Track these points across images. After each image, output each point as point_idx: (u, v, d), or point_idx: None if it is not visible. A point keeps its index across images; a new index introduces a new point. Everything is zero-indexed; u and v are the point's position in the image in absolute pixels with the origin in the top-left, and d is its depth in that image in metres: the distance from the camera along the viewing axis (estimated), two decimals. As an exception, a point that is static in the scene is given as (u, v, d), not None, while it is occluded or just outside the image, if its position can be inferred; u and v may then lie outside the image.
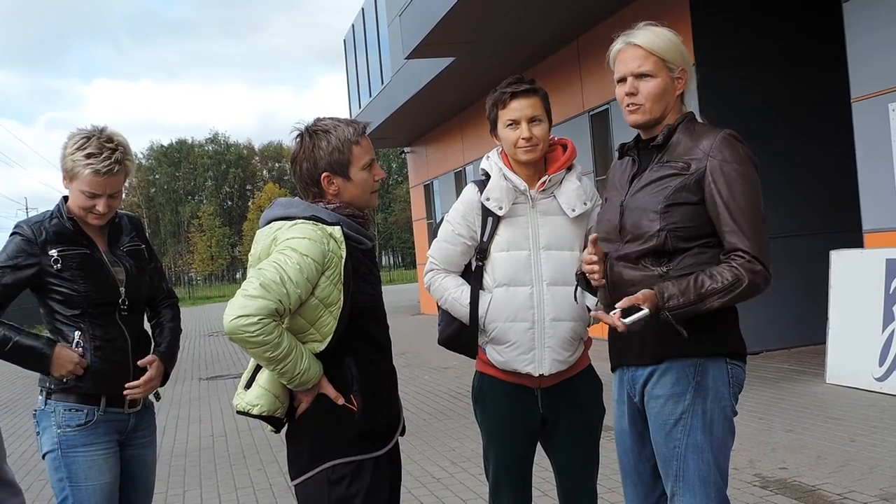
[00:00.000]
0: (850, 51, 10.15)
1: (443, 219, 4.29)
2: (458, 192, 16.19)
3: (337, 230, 3.49)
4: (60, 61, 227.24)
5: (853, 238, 10.60)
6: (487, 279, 4.11)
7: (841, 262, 10.22)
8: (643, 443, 3.59)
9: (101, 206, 4.02)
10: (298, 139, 3.65)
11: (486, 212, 4.09)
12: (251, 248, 3.68)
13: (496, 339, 4.08)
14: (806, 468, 6.86)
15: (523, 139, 3.99)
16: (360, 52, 28.11)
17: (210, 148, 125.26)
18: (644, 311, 3.29)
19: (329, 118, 3.66)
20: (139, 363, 4.10)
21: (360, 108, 28.17)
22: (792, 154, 12.78)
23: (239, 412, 3.57)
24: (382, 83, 24.75)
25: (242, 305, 3.29)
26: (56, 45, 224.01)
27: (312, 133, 3.61)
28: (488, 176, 4.15)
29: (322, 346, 3.49)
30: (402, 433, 3.81)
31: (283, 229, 3.49)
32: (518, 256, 4.05)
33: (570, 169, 4.16)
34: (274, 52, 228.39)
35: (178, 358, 4.46)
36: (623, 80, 3.54)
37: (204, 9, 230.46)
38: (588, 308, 4.01)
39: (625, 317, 3.30)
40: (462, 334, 4.18)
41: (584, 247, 4.10)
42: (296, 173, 3.68)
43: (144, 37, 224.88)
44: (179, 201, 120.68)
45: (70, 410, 4.02)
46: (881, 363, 9.26)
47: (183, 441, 10.33)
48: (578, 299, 3.89)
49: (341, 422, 3.52)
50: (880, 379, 9.24)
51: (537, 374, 4.05)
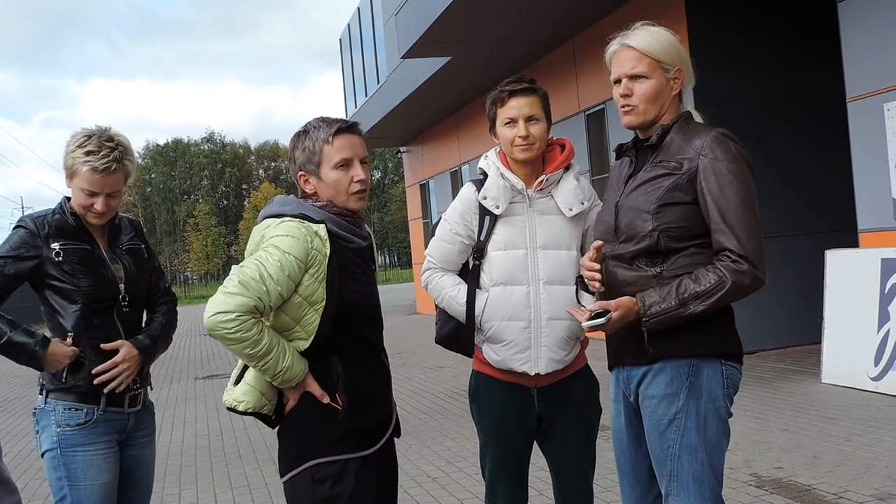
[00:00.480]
0: (845, 51, 10.16)
1: (440, 218, 4.29)
2: (455, 192, 16.19)
3: (322, 228, 3.48)
4: (56, 60, 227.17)
5: (848, 238, 10.62)
6: (484, 278, 4.11)
7: (836, 261, 10.23)
8: (639, 442, 3.58)
9: (99, 204, 4.03)
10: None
11: (483, 211, 4.09)
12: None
13: (492, 338, 4.08)
14: (801, 468, 6.87)
15: (520, 137, 4.00)
16: (356, 51, 28.10)
17: (206, 147, 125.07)
18: (602, 320, 3.32)
19: (317, 119, 3.65)
20: (102, 346, 4.04)
21: (355, 107, 28.17)
22: (787, 154, 12.80)
23: (227, 408, 3.60)
24: (378, 82, 24.75)
25: (221, 302, 3.33)
26: (51, 45, 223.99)
27: (297, 135, 3.65)
28: (486, 175, 4.15)
29: (307, 344, 3.49)
30: (397, 434, 3.80)
31: (271, 227, 3.50)
32: (515, 255, 4.05)
33: (567, 168, 4.15)
34: (270, 52, 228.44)
35: (174, 357, 4.45)
36: (618, 81, 3.54)
37: (200, 8, 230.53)
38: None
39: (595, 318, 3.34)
40: (459, 333, 4.18)
41: (582, 247, 4.12)
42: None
43: (140, 36, 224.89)
44: (175, 200, 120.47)
45: (70, 409, 4.01)
46: (876, 363, 9.27)
47: (178, 440, 10.32)
48: (581, 300, 3.89)
49: (326, 420, 3.51)
50: (876, 378, 9.26)
51: (533, 374, 4.04)
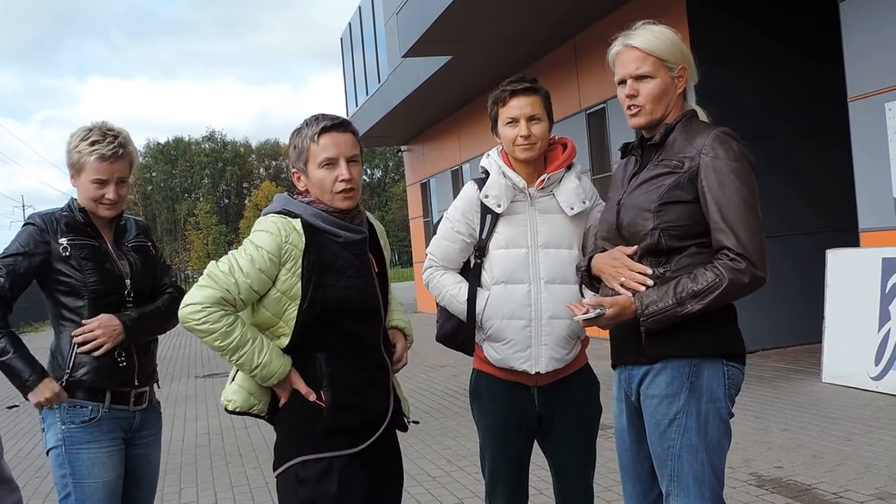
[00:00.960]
0: (846, 50, 10.16)
1: (442, 216, 4.29)
2: (455, 191, 16.15)
3: (298, 222, 3.52)
4: (56, 60, 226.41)
5: (849, 237, 10.61)
6: (485, 276, 4.11)
7: (837, 261, 10.23)
8: (641, 442, 3.57)
9: (110, 193, 4.10)
10: None
11: (484, 209, 4.09)
12: None
13: (493, 337, 4.08)
14: (802, 467, 6.87)
15: (521, 137, 4.00)
16: (357, 50, 28.09)
17: (207, 146, 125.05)
18: (593, 314, 3.34)
19: (312, 115, 3.67)
20: (82, 322, 4.03)
21: (356, 106, 28.16)
22: (789, 153, 12.79)
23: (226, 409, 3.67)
24: (379, 81, 24.73)
25: (191, 295, 3.46)
26: (51, 44, 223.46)
27: (294, 130, 3.68)
28: (488, 174, 4.15)
29: (289, 340, 3.53)
30: (402, 429, 3.79)
31: (256, 223, 3.58)
32: (516, 254, 4.05)
33: (569, 168, 4.15)
34: (269, 51, 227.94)
35: (174, 356, 4.45)
36: (623, 82, 3.54)
37: (199, 8, 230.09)
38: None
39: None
40: (459, 331, 4.19)
41: (583, 246, 4.12)
42: None
43: (139, 36, 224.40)
44: (176, 199, 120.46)
45: (75, 407, 4.02)
46: (877, 362, 9.27)
47: (179, 439, 10.32)
48: (584, 293, 3.87)
49: (310, 418, 3.52)
50: (876, 378, 9.25)
51: (534, 372, 4.04)
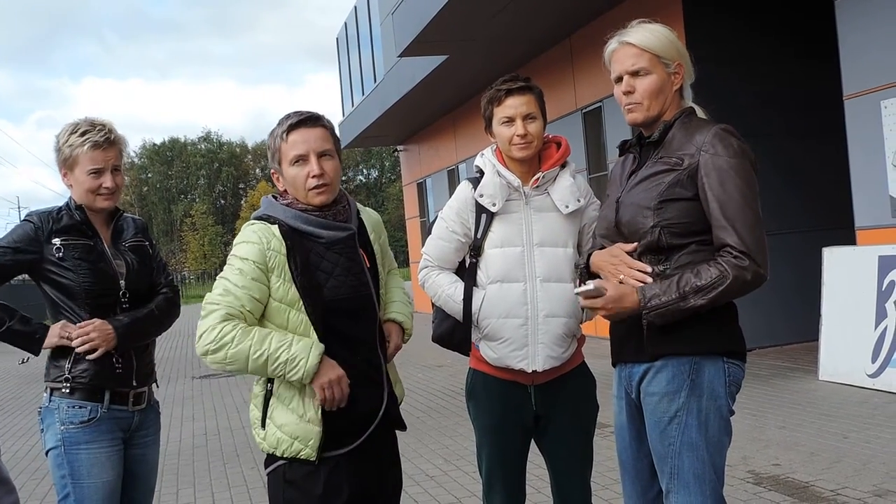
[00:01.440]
0: (842, 48, 10.17)
1: (437, 216, 4.29)
2: (451, 190, 16.13)
3: (276, 228, 3.48)
4: (50, 60, 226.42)
5: (846, 235, 10.62)
6: (481, 276, 4.11)
7: (833, 259, 10.24)
8: (641, 439, 3.57)
9: (107, 181, 4.09)
10: None
11: (479, 208, 4.09)
12: None
13: (489, 336, 4.07)
14: (799, 465, 6.88)
15: (518, 136, 4.00)
16: (353, 50, 28.08)
17: (203, 146, 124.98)
18: (590, 287, 3.35)
19: (285, 115, 3.59)
20: (76, 325, 4.02)
21: (352, 106, 28.15)
22: (785, 151, 12.80)
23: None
24: (375, 81, 24.73)
25: (199, 328, 3.41)
26: (45, 45, 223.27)
27: (270, 132, 3.62)
28: (482, 173, 4.15)
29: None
30: (400, 427, 3.74)
31: (239, 233, 3.55)
32: (511, 253, 4.05)
33: (563, 166, 4.16)
34: (263, 51, 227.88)
35: (171, 356, 4.44)
36: (620, 79, 3.54)
37: (191, 7, 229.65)
38: (582, 308, 4.01)
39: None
40: (456, 331, 4.18)
41: (579, 244, 4.12)
42: None
43: (132, 36, 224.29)
44: (172, 200, 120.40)
45: (73, 407, 4.01)
46: (874, 360, 9.28)
47: (176, 440, 10.31)
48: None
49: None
50: (873, 376, 9.26)
51: (530, 371, 4.04)
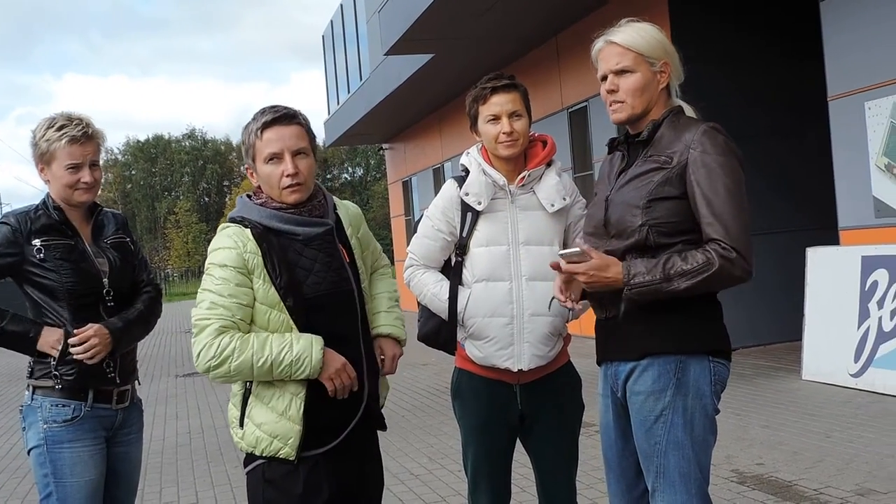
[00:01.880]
0: (826, 49, 10.20)
1: (423, 215, 4.28)
2: (437, 189, 16.17)
3: (249, 232, 3.46)
4: (31, 57, 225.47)
5: (829, 235, 10.66)
6: (467, 274, 4.10)
7: (817, 259, 10.28)
8: (626, 438, 3.57)
9: (86, 175, 4.05)
10: None
11: (465, 207, 4.09)
12: None
13: (475, 335, 4.07)
14: (783, 464, 6.90)
15: (504, 133, 3.99)
16: (339, 48, 28.05)
17: (187, 144, 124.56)
18: (574, 250, 3.35)
19: (259, 110, 3.56)
20: (73, 332, 3.97)
21: (338, 104, 28.12)
22: (770, 151, 12.84)
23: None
24: (361, 79, 24.70)
25: (195, 346, 3.39)
26: (26, 41, 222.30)
27: (244, 127, 3.59)
28: (468, 171, 4.14)
29: None
30: (380, 427, 3.74)
31: (214, 239, 3.53)
32: (497, 252, 4.05)
33: (549, 164, 4.16)
34: (248, 49, 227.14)
35: (154, 354, 4.42)
36: (605, 78, 3.54)
37: (177, 5, 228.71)
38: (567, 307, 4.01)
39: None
40: (441, 330, 4.17)
41: (565, 242, 4.13)
42: None
43: (116, 32, 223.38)
44: (156, 197, 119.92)
45: (56, 406, 3.98)
46: (856, 360, 9.32)
47: (159, 438, 10.29)
48: (551, 307, 3.91)
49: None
50: (855, 375, 9.30)
51: (516, 370, 4.04)
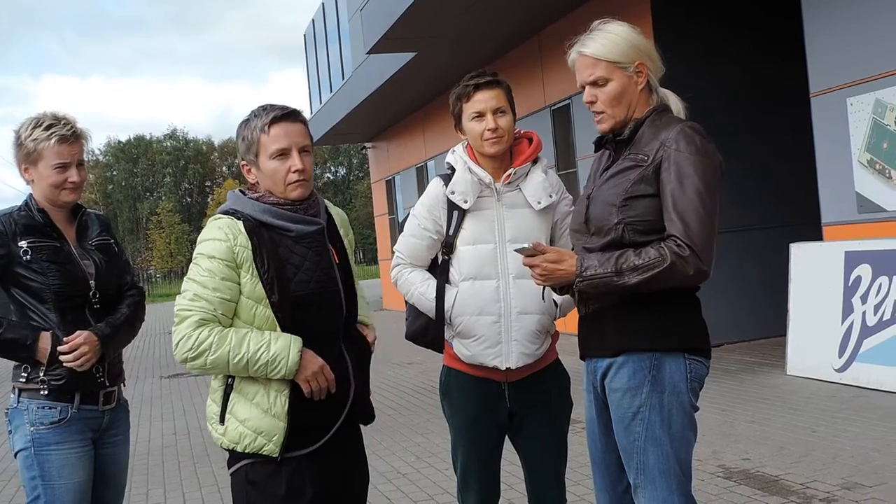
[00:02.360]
0: (808, 46, 10.23)
1: (409, 214, 4.28)
2: (420, 187, 16.15)
3: (241, 224, 3.44)
4: (8, 58, 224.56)
5: (813, 231, 10.70)
6: (454, 273, 4.10)
7: (800, 254, 10.32)
8: (608, 433, 3.58)
9: (73, 175, 4.04)
10: None
11: (451, 205, 4.09)
12: None
13: (463, 333, 4.07)
14: (769, 458, 6.93)
15: (489, 130, 3.99)
16: (321, 47, 27.98)
17: (168, 144, 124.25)
18: (527, 245, 3.43)
19: (260, 106, 3.58)
20: (63, 340, 3.95)
21: (320, 103, 28.07)
22: (753, 148, 12.89)
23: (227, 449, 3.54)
24: (343, 78, 24.66)
25: (175, 335, 3.44)
26: (2, 42, 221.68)
27: (240, 123, 3.60)
28: (453, 170, 4.14)
29: None
30: (364, 422, 3.71)
31: (204, 229, 3.51)
32: (484, 250, 4.05)
33: (535, 162, 4.15)
34: (227, 49, 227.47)
35: (138, 356, 4.40)
36: (584, 88, 3.56)
37: (153, 6, 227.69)
38: (554, 302, 4.02)
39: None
40: (429, 329, 4.18)
41: (552, 240, 4.13)
42: None
43: (93, 33, 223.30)
44: (138, 198, 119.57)
45: (43, 408, 3.96)
46: (840, 354, 9.37)
47: (145, 440, 10.24)
48: (545, 297, 3.91)
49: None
50: (840, 370, 9.35)
51: (504, 368, 4.04)
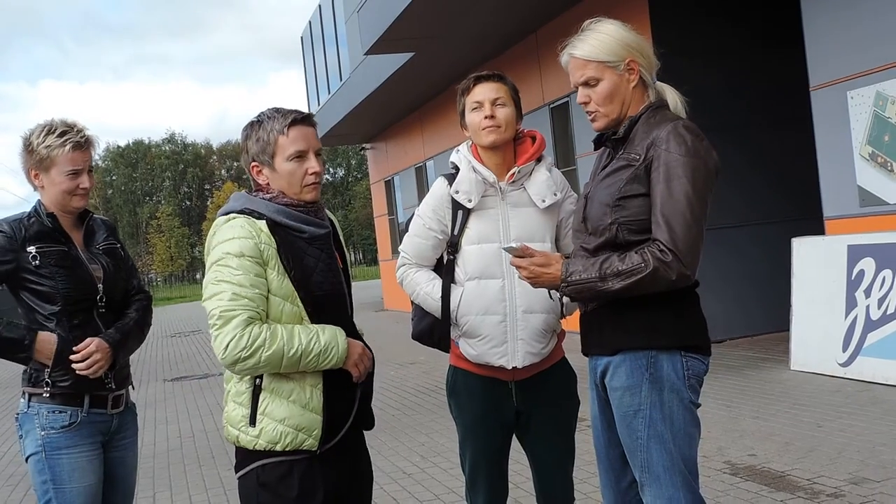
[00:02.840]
0: (808, 39, 10.22)
1: (413, 214, 4.27)
2: (420, 188, 16.18)
3: (263, 224, 3.43)
4: (5, 65, 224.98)
5: (815, 225, 10.69)
6: (459, 272, 4.10)
7: (803, 249, 10.30)
8: (612, 429, 3.60)
9: (85, 181, 4.08)
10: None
11: (455, 205, 4.08)
12: None
13: (468, 333, 4.07)
14: (774, 454, 6.92)
15: (486, 118, 3.99)
16: (318, 48, 27.99)
17: (167, 148, 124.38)
18: (514, 245, 3.53)
19: (271, 109, 3.57)
20: (74, 349, 3.98)
21: (318, 104, 28.05)
22: (754, 142, 12.88)
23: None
24: (341, 80, 24.66)
25: (221, 337, 3.31)
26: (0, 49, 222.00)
27: (249, 125, 3.57)
28: (458, 169, 4.13)
29: None
30: (367, 427, 3.72)
31: (219, 230, 3.46)
32: (489, 249, 4.04)
33: (539, 160, 4.15)
34: (222, 52, 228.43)
35: (142, 359, 4.41)
36: (577, 87, 3.58)
37: (149, 11, 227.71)
38: (560, 301, 4.01)
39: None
40: (435, 329, 4.17)
41: (557, 239, 4.13)
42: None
43: (89, 39, 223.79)
44: (137, 202, 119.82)
45: (54, 412, 3.99)
46: (845, 349, 9.35)
47: (150, 443, 10.23)
48: (552, 296, 3.91)
49: None
50: (844, 364, 9.33)
51: (510, 367, 4.04)
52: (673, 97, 3.59)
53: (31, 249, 3.99)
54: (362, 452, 3.76)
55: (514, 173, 4.05)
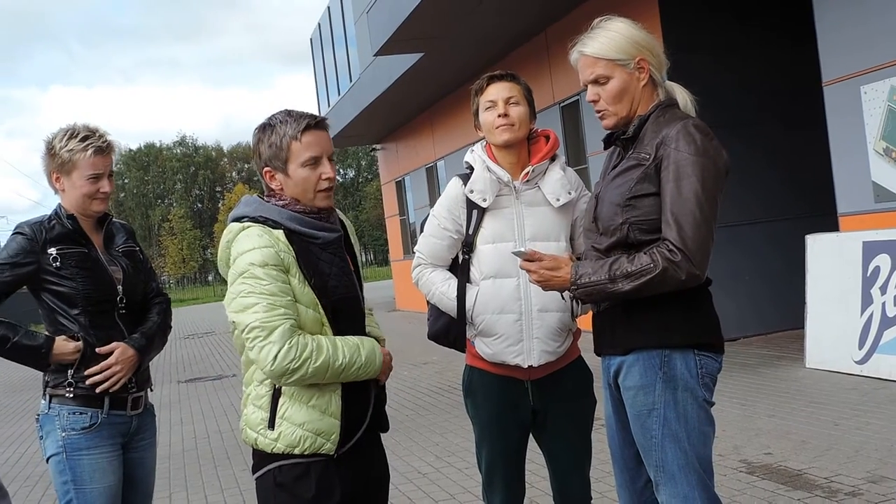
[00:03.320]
0: (820, 34, 10.18)
1: (429, 214, 4.27)
2: (430, 188, 16.20)
3: (280, 233, 3.39)
4: (17, 71, 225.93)
5: (829, 222, 10.65)
6: (474, 272, 4.09)
7: (817, 246, 10.26)
8: (626, 429, 3.59)
9: (105, 185, 4.13)
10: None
11: (470, 204, 4.07)
12: None
13: (484, 332, 4.06)
14: (791, 453, 6.89)
15: (500, 116, 3.98)
16: (328, 50, 28.03)
17: (178, 151, 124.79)
18: (523, 249, 3.52)
19: (283, 112, 3.51)
20: (97, 350, 4.03)
21: (328, 106, 28.09)
22: (767, 138, 12.84)
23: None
24: (351, 81, 24.69)
25: (268, 348, 3.26)
26: (9, 56, 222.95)
27: (261, 128, 3.51)
28: (472, 168, 4.12)
29: None
30: (382, 429, 3.71)
31: (237, 241, 3.41)
32: (504, 248, 4.02)
33: (553, 159, 4.14)
34: (232, 55, 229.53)
35: (156, 361, 4.43)
36: (587, 86, 3.58)
37: (152, 14, 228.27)
38: (573, 302, 4.00)
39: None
40: (451, 328, 4.17)
41: (571, 237, 4.12)
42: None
43: (97, 44, 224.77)
44: (149, 205, 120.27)
45: (74, 413, 4.03)
46: (861, 346, 9.31)
47: (166, 444, 10.23)
48: (565, 296, 3.90)
49: None
50: (860, 362, 9.29)
51: (526, 366, 4.03)
52: (683, 96, 3.59)
53: (52, 251, 4.02)
54: (379, 454, 3.75)
55: (528, 172, 4.04)
